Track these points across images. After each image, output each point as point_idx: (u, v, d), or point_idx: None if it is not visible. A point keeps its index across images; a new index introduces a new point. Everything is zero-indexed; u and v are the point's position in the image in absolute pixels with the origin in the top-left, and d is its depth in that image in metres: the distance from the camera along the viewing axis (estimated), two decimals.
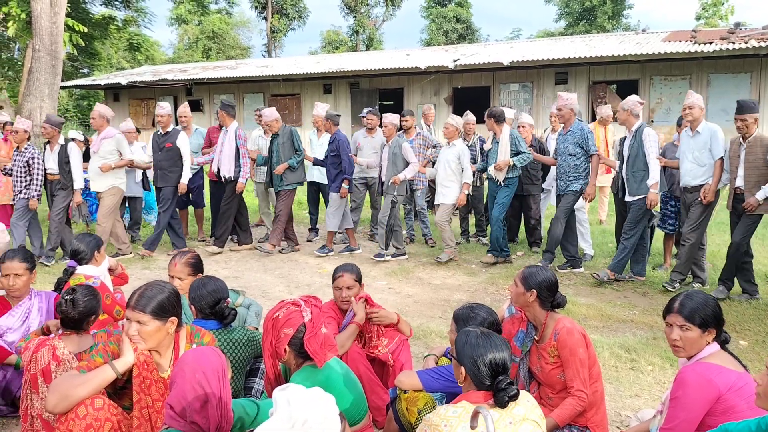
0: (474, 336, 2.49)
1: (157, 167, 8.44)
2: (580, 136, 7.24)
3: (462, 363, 2.46)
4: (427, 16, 46.52)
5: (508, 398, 2.36)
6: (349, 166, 8.45)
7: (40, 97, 12.97)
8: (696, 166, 6.45)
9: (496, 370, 2.40)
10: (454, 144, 7.95)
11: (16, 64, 28.58)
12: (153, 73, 25.61)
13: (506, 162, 7.58)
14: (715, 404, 2.47)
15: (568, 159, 7.30)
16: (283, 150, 8.43)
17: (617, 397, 4.08)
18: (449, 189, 7.95)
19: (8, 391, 3.71)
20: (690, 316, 2.66)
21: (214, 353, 2.35)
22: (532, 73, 19.32)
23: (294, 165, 8.42)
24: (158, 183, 8.46)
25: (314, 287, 6.85)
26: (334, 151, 8.46)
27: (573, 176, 7.29)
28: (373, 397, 3.53)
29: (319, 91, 22.22)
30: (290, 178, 8.48)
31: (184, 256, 4.04)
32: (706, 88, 17.09)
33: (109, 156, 8.07)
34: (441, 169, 8.01)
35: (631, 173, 6.78)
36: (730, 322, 5.45)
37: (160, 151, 8.42)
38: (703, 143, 6.38)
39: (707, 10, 35.48)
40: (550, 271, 3.31)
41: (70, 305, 3.28)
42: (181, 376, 2.26)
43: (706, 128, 6.42)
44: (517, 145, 7.64)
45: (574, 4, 43.18)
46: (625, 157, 6.86)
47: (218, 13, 47.85)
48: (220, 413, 2.25)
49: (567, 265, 7.54)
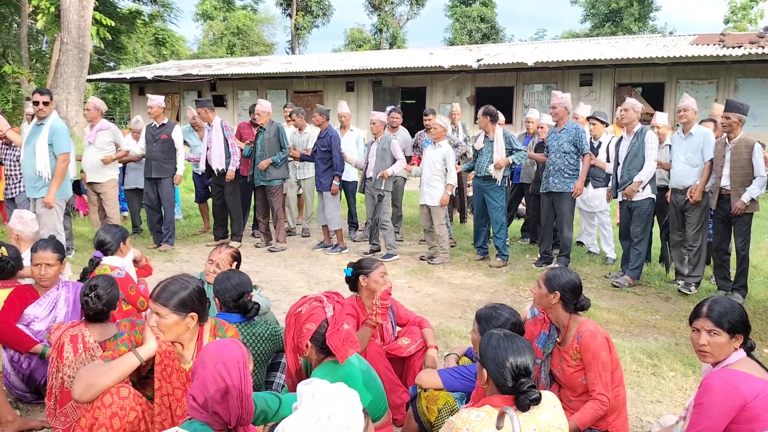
0: (497, 338, 2.47)
1: (152, 158, 8.46)
2: (575, 134, 7.36)
3: (485, 365, 2.45)
4: (451, 15, 46.35)
5: (530, 401, 2.34)
6: (340, 163, 8.44)
7: (67, 89, 13.15)
8: (688, 167, 6.58)
9: (518, 373, 2.38)
10: (440, 145, 7.94)
11: (44, 57, 29.06)
12: (178, 68, 25.84)
13: (506, 160, 7.65)
14: (741, 412, 2.44)
15: (562, 156, 7.40)
16: (268, 145, 8.48)
17: (638, 402, 4.04)
18: (435, 190, 7.94)
19: (32, 379, 3.78)
20: (719, 320, 2.64)
21: (236, 345, 2.37)
22: (557, 74, 19.19)
23: (278, 161, 8.47)
24: (153, 174, 8.48)
25: (334, 283, 6.86)
26: (324, 147, 8.42)
27: (568, 174, 7.39)
28: (393, 395, 3.54)
29: (342, 89, 22.26)
30: (274, 173, 8.53)
31: (229, 248, 4.29)
32: (733, 93, 16.85)
33: (106, 147, 8.11)
34: (426, 169, 8.01)
35: (626, 172, 6.85)
36: (755, 330, 5.37)
37: (154, 143, 8.47)
38: (696, 145, 6.50)
39: (736, 13, 34.93)
40: (574, 273, 3.29)
41: (96, 300, 3.34)
42: (203, 367, 2.28)
43: (699, 131, 6.55)
44: (512, 144, 7.70)
45: (600, 6, 42.77)
46: (623, 157, 6.93)
47: (243, 9, 48.17)
48: (241, 404, 2.27)
49: (541, 262, 7.77)
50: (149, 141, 8.53)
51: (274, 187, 8.57)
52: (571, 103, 7.61)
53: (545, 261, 7.75)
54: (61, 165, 6.22)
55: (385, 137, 8.28)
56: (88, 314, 3.39)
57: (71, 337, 3.28)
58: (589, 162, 7.44)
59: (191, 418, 2.25)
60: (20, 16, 25.57)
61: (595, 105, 17.20)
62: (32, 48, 28.75)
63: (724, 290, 6.44)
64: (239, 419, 2.28)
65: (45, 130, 6.23)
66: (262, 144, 8.50)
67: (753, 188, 6.09)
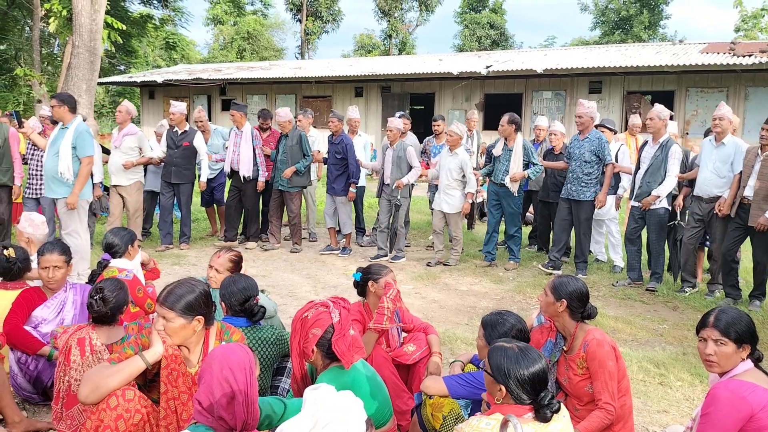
0: (513, 352, 2.42)
1: (172, 164, 8.61)
2: (597, 144, 7.33)
3: (502, 382, 2.39)
4: (461, 22, 46.39)
5: (552, 413, 2.34)
6: (356, 170, 8.52)
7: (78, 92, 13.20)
8: (716, 176, 6.49)
9: (540, 386, 2.37)
10: (456, 153, 7.90)
11: (56, 60, 29.25)
12: (188, 72, 25.98)
13: (522, 174, 7.70)
14: (747, 423, 2.43)
15: (582, 165, 7.38)
16: (291, 152, 8.56)
17: (645, 411, 4.02)
18: (452, 197, 7.95)
19: (39, 381, 3.79)
20: (726, 330, 2.62)
21: (242, 350, 2.38)
22: (566, 81, 19.17)
23: (301, 169, 8.57)
24: (172, 179, 8.63)
25: (340, 288, 6.87)
26: (339, 153, 8.51)
27: (585, 183, 7.37)
28: (398, 402, 3.53)
29: (351, 94, 22.31)
30: (296, 181, 8.66)
31: (229, 252, 4.20)
32: (743, 102, 16.79)
33: (130, 152, 8.29)
34: (443, 177, 7.99)
35: (646, 182, 6.87)
36: (764, 340, 5.33)
37: (176, 149, 8.61)
38: (727, 155, 6.39)
39: (747, 22, 34.79)
40: (581, 282, 3.28)
41: (101, 303, 3.35)
42: (209, 372, 2.29)
43: (732, 141, 6.42)
44: (530, 156, 7.71)
45: (610, 13, 42.72)
46: (646, 165, 6.90)
47: (254, 14, 48.38)
48: (247, 410, 2.27)
49: (549, 265, 7.79)
50: (170, 146, 8.66)
51: (292, 193, 8.68)
52: (596, 113, 7.56)
53: (553, 265, 7.74)
54: (84, 168, 6.36)
55: (400, 144, 8.27)
56: (95, 318, 3.41)
57: (78, 340, 3.29)
58: (611, 172, 7.39)
59: (196, 422, 2.26)
60: (32, 20, 25.77)
61: (604, 113, 17.18)
62: (44, 51, 28.94)
63: (733, 298, 6.42)
64: (244, 424, 2.28)
65: (69, 133, 6.36)
66: (284, 150, 8.60)
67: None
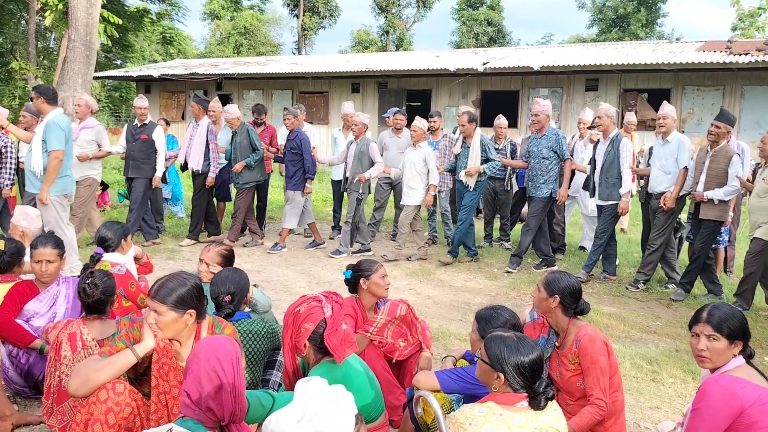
0: (512, 341, 2.48)
1: (130, 158, 8.56)
2: (555, 140, 7.53)
3: (500, 369, 2.44)
4: (458, 18, 46.38)
5: (547, 400, 2.40)
6: (312, 165, 8.51)
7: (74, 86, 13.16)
8: (662, 173, 6.79)
9: (537, 373, 2.42)
10: (420, 146, 8.05)
11: (52, 54, 29.15)
12: (184, 67, 25.88)
13: (476, 169, 7.74)
14: (738, 418, 2.43)
15: (541, 162, 7.54)
16: (240, 148, 8.57)
17: (637, 408, 4.03)
18: (415, 191, 8.07)
19: (31, 374, 3.78)
20: (718, 326, 2.63)
21: (228, 341, 2.38)
22: (562, 78, 19.15)
23: (251, 164, 8.54)
24: (129, 173, 8.58)
25: (335, 284, 6.86)
26: (295, 149, 8.48)
27: (543, 180, 7.51)
28: (390, 397, 3.53)
29: (347, 90, 22.26)
30: (247, 176, 8.62)
31: (219, 246, 4.17)
32: (739, 100, 16.80)
33: (87, 146, 8.05)
34: (407, 170, 8.11)
35: (603, 179, 7.10)
36: (756, 337, 5.35)
37: (134, 142, 8.54)
38: (671, 151, 6.70)
39: (744, 20, 34.82)
40: (574, 278, 3.28)
41: (93, 287, 3.34)
42: (196, 363, 2.28)
43: (676, 137, 6.75)
44: (487, 152, 7.79)
45: (607, 11, 42.74)
46: (600, 163, 7.14)
47: (251, 9, 48.28)
48: (234, 400, 2.28)
49: (542, 264, 7.81)
50: (129, 140, 8.59)
51: (243, 189, 8.66)
52: (551, 111, 7.81)
53: (546, 263, 7.77)
54: (52, 162, 6.13)
55: (364, 140, 8.39)
56: (87, 304, 3.38)
57: (69, 335, 3.28)
58: (569, 167, 7.59)
59: (184, 416, 2.26)
60: (28, 13, 25.69)
61: None
62: (40, 45, 28.85)
63: (714, 294, 6.56)
64: (232, 415, 2.28)
65: (41, 127, 6.23)
66: (235, 147, 8.62)
67: (718, 191, 6.28)
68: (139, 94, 8.94)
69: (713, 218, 6.40)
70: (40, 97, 6.26)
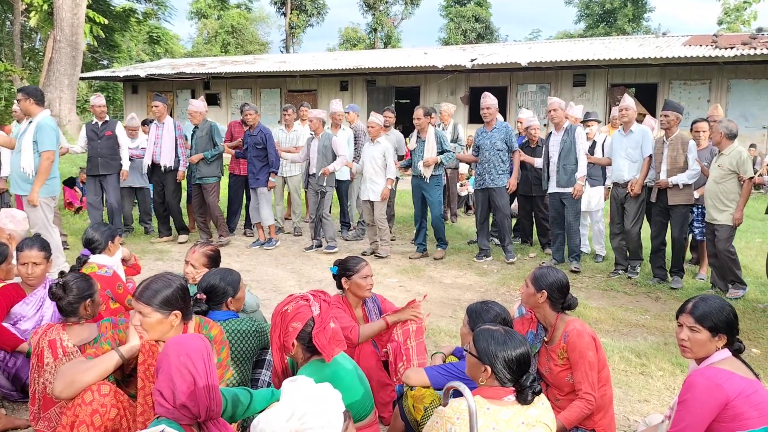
0: (500, 335, 2.50)
1: (98, 155, 8.60)
2: (506, 132, 7.86)
3: (488, 362, 2.46)
4: (446, 15, 46.38)
5: (534, 394, 2.41)
6: (276, 160, 8.62)
7: (60, 87, 13.09)
8: (629, 162, 7.08)
9: (524, 367, 2.44)
10: (378, 141, 8.16)
11: (37, 55, 28.93)
12: (171, 67, 25.76)
13: (434, 159, 7.87)
14: (723, 410, 2.45)
15: (497, 154, 7.83)
16: (200, 143, 8.64)
17: (626, 401, 4.05)
18: (378, 185, 8.16)
19: (18, 378, 3.75)
20: (701, 318, 2.65)
21: (197, 338, 2.38)
22: (550, 74, 19.22)
23: (208, 157, 8.57)
24: (100, 170, 8.62)
25: (325, 283, 6.85)
26: (259, 144, 8.53)
27: (502, 170, 7.81)
28: (382, 393, 3.54)
29: (336, 88, 22.24)
30: (205, 171, 8.65)
31: (204, 247, 4.13)
32: (726, 94, 16.91)
33: None
34: (368, 166, 8.21)
35: (561, 166, 7.42)
36: (744, 329, 5.38)
37: (99, 140, 8.60)
38: (636, 141, 7.02)
39: (729, 14, 35.06)
40: (562, 273, 3.29)
41: (61, 290, 3.28)
42: (167, 361, 2.28)
43: (639, 128, 7.08)
44: (443, 144, 7.95)
45: (594, 6, 42.90)
46: (557, 152, 7.47)
47: (238, 8, 48.07)
48: (208, 395, 2.27)
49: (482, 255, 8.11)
50: (93, 138, 8.62)
51: (209, 185, 8.68)
52: (497, 106, 8.05)
53: (485, 254, 8.07)
54: (44, 163, 6.11)
55: (325, 134, 8.43)
56: (60, 307, 3.34)
57: (50, 342, 3.23)
58: (518, 159, 7.92)
59: (159, 416, 2.25)
60: (13, 14, 25.48)
61: (588, 105, 17.23)
62: (25, 46, 28.64)
63: (660, 278, 6.96)
64: (208, 411, 2.28)
65: (31, 128, 6.19)
66: (196, 142, 8.69)
67: (682, 176, 6.62)
68: (96, 93, 8.93)
69: (682, 203, 6.72)
70: (28, 98, 6.21)
